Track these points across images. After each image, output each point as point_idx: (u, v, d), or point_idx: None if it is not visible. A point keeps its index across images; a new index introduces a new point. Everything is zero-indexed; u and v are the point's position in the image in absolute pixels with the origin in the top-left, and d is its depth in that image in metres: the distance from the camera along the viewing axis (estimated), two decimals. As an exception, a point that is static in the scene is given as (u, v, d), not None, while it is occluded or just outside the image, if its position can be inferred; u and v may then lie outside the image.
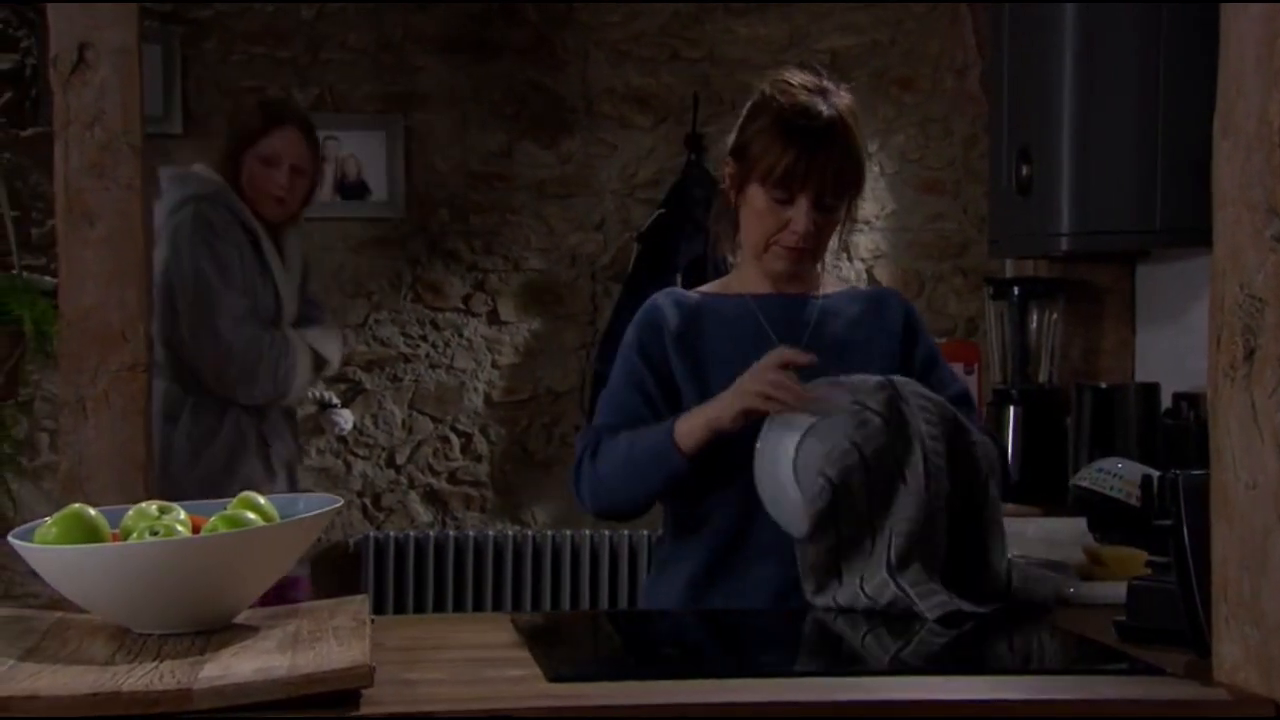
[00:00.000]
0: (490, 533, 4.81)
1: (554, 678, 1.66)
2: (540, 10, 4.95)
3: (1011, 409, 3.65)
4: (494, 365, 4.93)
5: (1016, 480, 3.61)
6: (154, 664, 1.63)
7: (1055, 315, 3.75)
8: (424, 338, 4.91)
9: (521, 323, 4.94)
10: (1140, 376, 3.73)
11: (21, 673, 1.61)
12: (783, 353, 2.10)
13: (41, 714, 1.49)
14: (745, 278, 2.33)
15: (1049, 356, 3.74)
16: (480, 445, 4.92)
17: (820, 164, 2.18)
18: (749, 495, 2.12)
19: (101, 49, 3.49)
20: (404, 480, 4.90)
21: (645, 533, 4.76)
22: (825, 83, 2.27)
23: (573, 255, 4.96)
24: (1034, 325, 3.75)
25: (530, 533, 4.83)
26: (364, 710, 1.54)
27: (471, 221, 4.92)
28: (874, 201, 5.10)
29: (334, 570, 4.68)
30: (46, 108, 4.46)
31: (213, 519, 1.79)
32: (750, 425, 2.10)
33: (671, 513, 2.27)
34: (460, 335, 4.92)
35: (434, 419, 4.91)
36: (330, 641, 1.70)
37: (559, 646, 1.89)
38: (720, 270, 4.90)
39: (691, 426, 2.11)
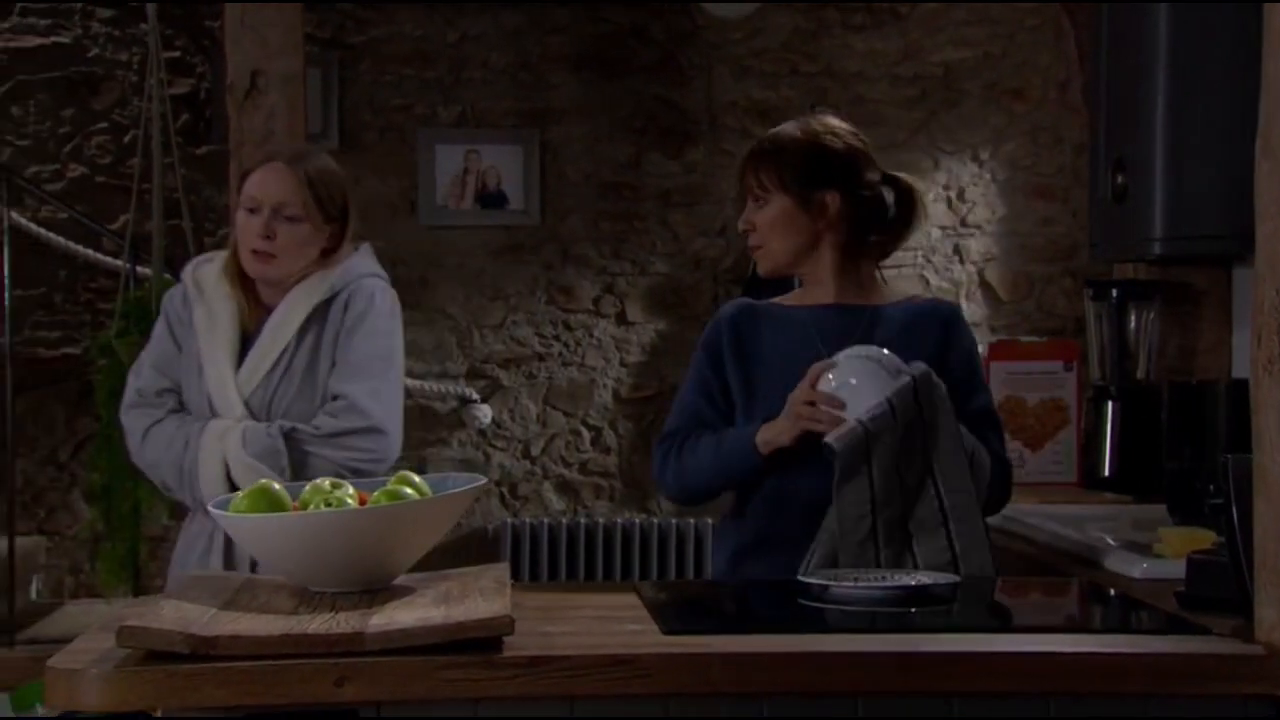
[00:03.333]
0: (618, 520, 5.05)
1: (668, 631, 1.89)
2: (667, 29, 5.18)
3: (1110, 404, 3.79)
4: (622, 363, 5.18)
5: (1114, 471, 3.74)
6: (331, 614, 1.89)
7: (1153, 315, 3.87)
8: (557, 337, 5.17)
9: (648, 323, 5.18)
10: (1236, 374, 3.84)
11: (222, 619, 1.87)
12: (811, 372, 2.35)
13: (242, 651, 1.76)
14: (810, 290, 2.56)
15: (1147, 355, 3.87)
16: (609, 438, 5.17)
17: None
18: (781, 485, 2.42)
19: (271, 76, 3.83)
20: (539, 471, 5.17)
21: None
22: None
23: (696, 259, 5.18)
24: (1132, 325, 3.88)
25: (655, 520, 5.06)
26: (506, 653, 1.78)
27: (601, 228, 5.17)
28: (985, 207, 5.25)
29: (475, 553, 4.97)
30: (219, 128, 4.83)
31: (376, 493, 2.05)
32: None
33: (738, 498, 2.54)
34: (591, 335, 5.17)
35: (566, 414, 5.17)
36: (477, 598, 1.94)
37: (673, 607, 2.12)
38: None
39: (764, 439, 2.39)
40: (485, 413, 4.93)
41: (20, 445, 4.84)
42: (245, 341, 2.75)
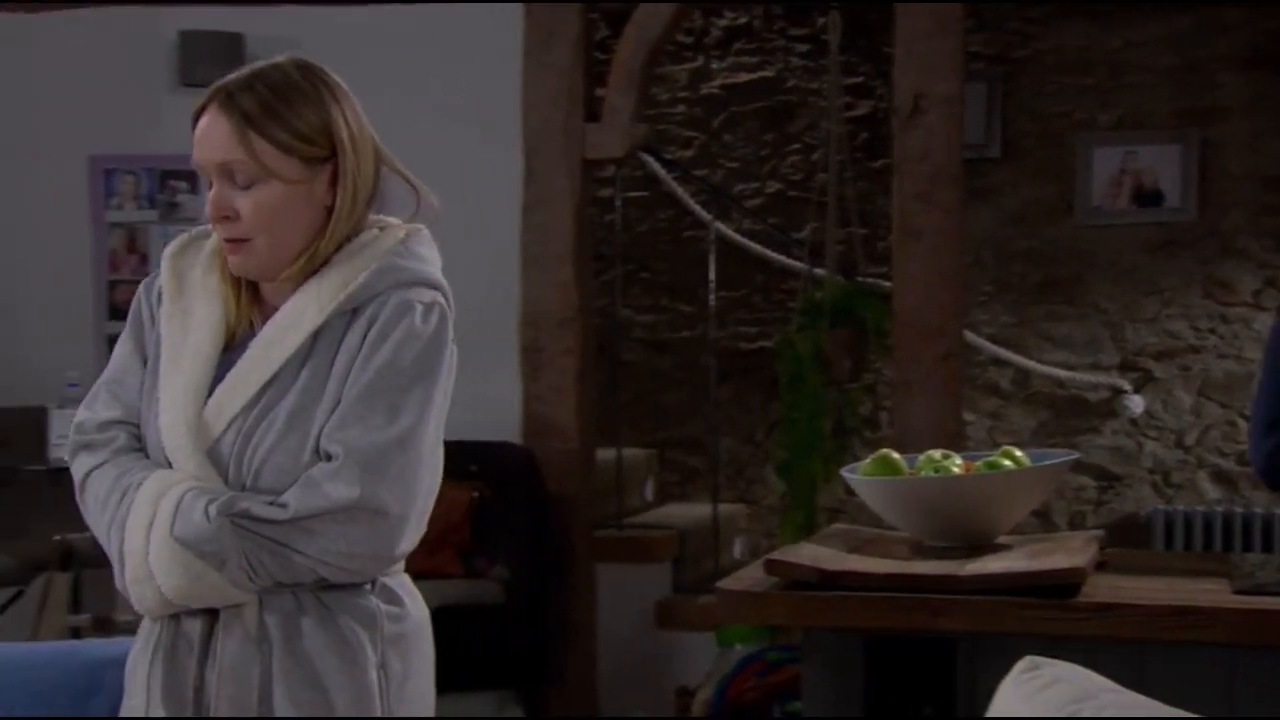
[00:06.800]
0: (1276, 511, 4.93)
1: (1236, 590, 2.03)
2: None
3: None
4: (1283, 356, 5.05)
5: None
6: (935, 561, 2.21)
7: None
8: (1212, 330, 5.13)
9: (1312, 316, 5.01)
10: None
11: (848, 560, 2.25)
12: None
13: (859, 584, 2.12)
14: None
15: None
16: (1270, 430, 5.06)
17: None
18: None
19: (932, 98, 4.18)
20: (1192, 460, 5.14)
21: None
22: None
23: (1367, 252, 4.96)
24: None
25: (1320, 514, 4.89)
26: (1080, 599, 2.01)
27: (1262, 223, 5.06)
28: None
29: (1126, 537, 5.05)
30: (889, 144, 5.24)
31: (979, 463, 2.33)
32: None
33: None
34: (1249, 327, 5.08)
35: (1222, 405, 5.11)
36: (1061, 555, 2.18)
37: (1251, 571, 2.23)
38: None
39: None
40: (1137, 403, 5.00)
41: (724, 425, 5.51)
42: (231, 358, 1.80)
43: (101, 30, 4.47)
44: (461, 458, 4.36)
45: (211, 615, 1.73)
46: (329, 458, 1.71)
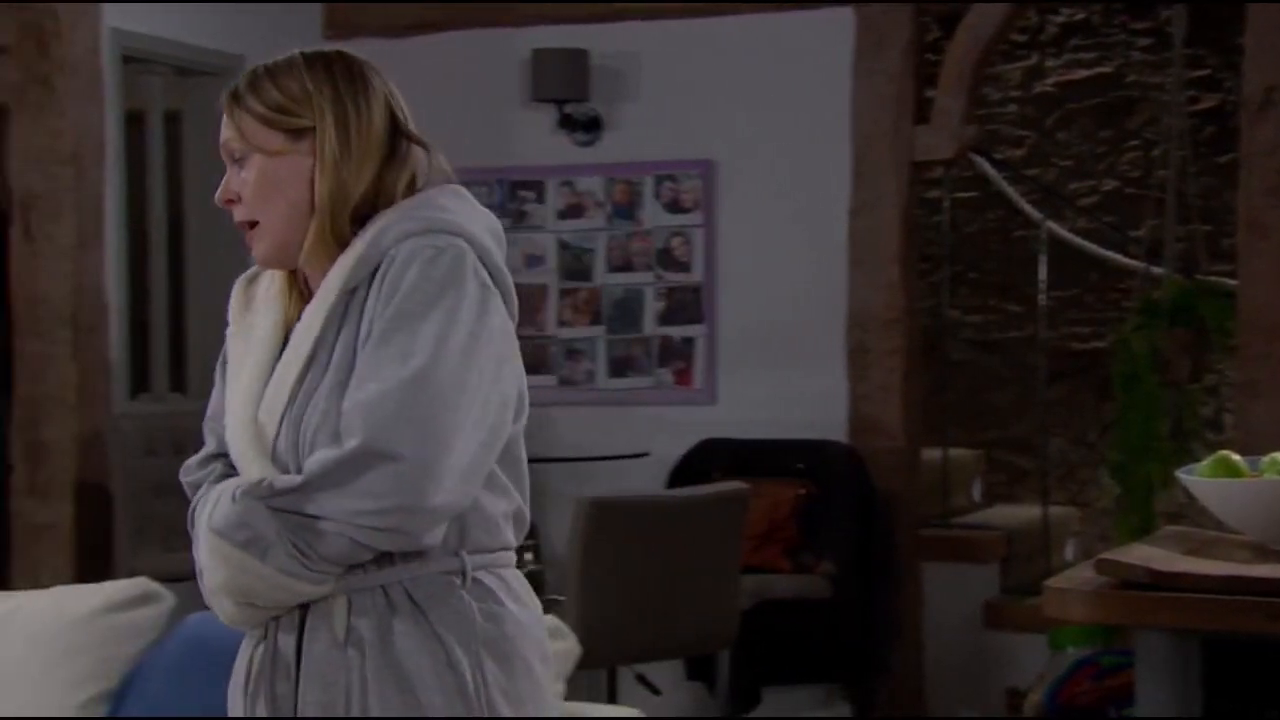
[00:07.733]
0: None
1: None
2: None
3: None
4: None
5: None
6: (1277, 565, 2.13)
7: None
8: None
9: None
10: None
11: (1180, 561, 2.19)
12: None
13: (1191, 585, 2.07)
14: None
15: None
16: None
17: None
18: None
19: (1288, 90, 3.96)
20: None
21: None
22: None
23: None
24: None
25: None
26: None
27: None
28: None
29: None
30: (1237, 138, 5.01)
31: (1325, 465, 2.23)
32: None
33: None
34: None
35: None
36: None
37: None
38: None
39: None
40: None
41: (1055, 426, 5.39)
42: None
43: (462, 52, 4.77)
44: (788, 455, 4.47)
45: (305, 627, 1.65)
46: None
